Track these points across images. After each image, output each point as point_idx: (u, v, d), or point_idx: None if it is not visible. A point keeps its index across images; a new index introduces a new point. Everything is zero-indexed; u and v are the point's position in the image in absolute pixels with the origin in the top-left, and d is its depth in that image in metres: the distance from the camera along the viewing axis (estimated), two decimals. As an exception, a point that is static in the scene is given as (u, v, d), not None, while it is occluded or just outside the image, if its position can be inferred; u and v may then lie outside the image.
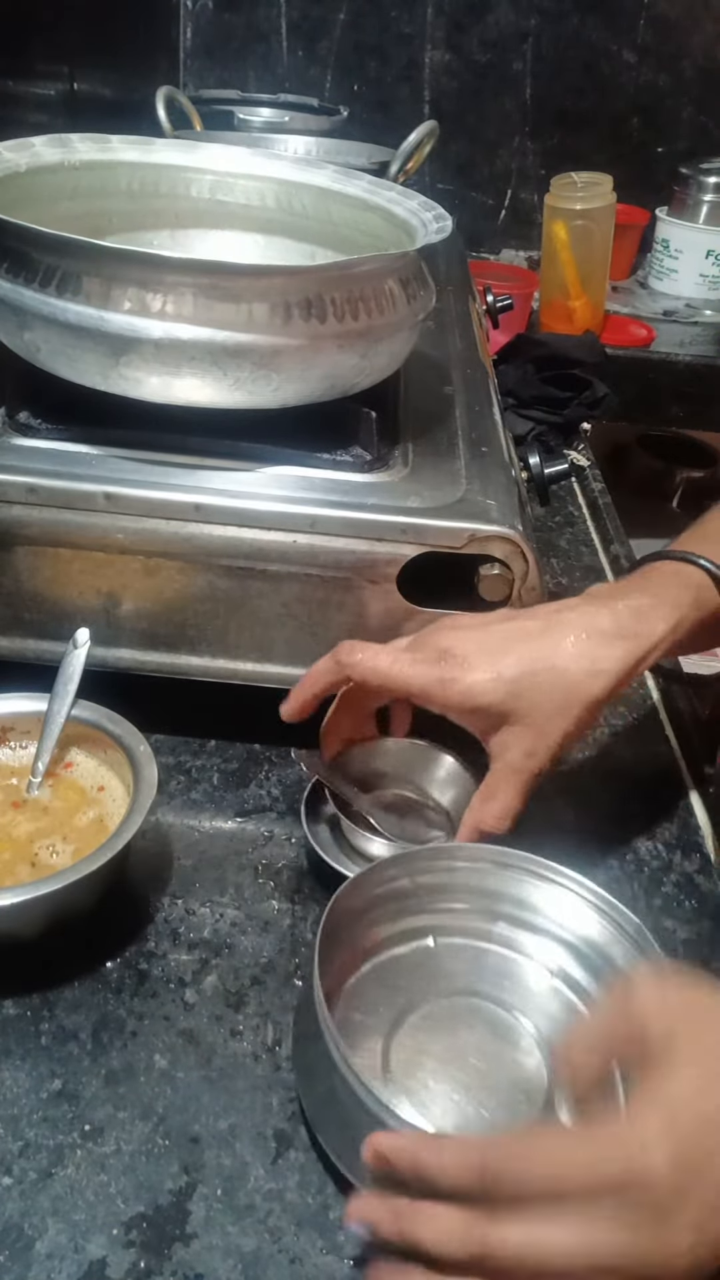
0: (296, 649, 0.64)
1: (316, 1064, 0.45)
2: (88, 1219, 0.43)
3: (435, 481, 0.64)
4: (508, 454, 0.71)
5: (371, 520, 0.60)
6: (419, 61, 1.66)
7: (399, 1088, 0.47)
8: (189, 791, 0.64)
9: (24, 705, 0.59)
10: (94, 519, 0.60)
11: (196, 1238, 0.43)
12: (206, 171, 0.79)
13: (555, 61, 1.66)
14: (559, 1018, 0.52)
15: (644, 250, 1.74)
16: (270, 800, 0.65)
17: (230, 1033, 0.51)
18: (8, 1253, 0.42)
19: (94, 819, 0.56)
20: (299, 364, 0.59)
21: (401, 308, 0.63)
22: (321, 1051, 0.45)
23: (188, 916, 0.57)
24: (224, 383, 0.59)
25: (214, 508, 0.60)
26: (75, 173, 0.73)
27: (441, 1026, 0.50)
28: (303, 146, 1.28)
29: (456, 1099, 0.47)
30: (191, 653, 0.65)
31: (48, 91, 1.13)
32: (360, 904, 0.52)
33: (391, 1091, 0.47)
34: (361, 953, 0.53)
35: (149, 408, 0.61)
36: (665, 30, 1.63)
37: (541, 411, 1.13)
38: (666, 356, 1.48)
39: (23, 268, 0.58)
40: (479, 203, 1.77)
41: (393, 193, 0.73)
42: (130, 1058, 0.49)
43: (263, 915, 0.57)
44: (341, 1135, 0.44)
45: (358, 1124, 0.42)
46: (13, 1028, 0.50)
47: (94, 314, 0.57)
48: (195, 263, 0.57)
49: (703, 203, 1.62)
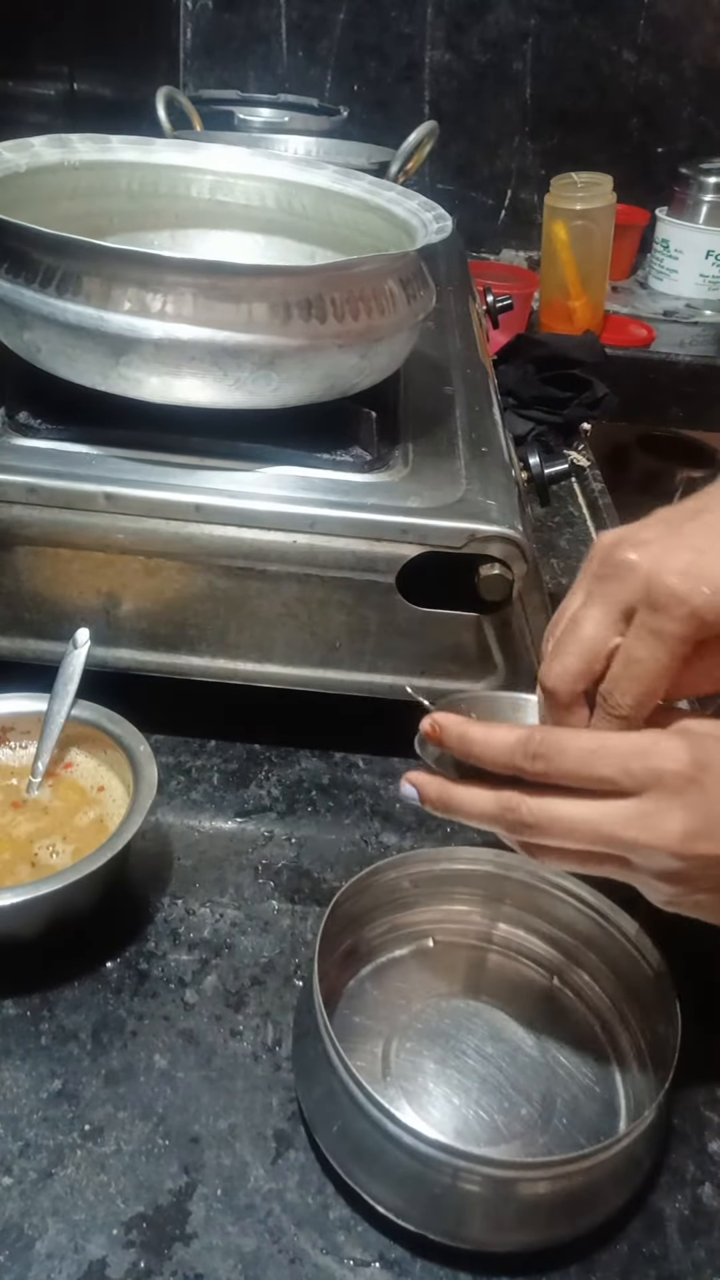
0: (296, 649, 0.64)
1: (315, 1065, 0.45)
2: (88, 1219, 0.43)
3: (435, 481, 0.64)
4: (508, 454, 0.71)
5: (371, 520, 0.60)
6: (419, 61, 1.66)
7: (398, 1090, 0.47)
8: (189, 791, 0.65)
9: (24, 705, 0.59)
10: (94, 519, 0.60)
11: (196, 1238, 0.43)
12: (206, 171, 0.79)
13: (555, 61, 1.66)
14: (558, 1020, 0.52)
15: (644, 250, 1.74)
16: (270, 800, 0.65)
17: (230, 1033, 0.51)
18: (8, 1253, 0.42)
19: (94, 819, 0.56)
20: (299, 364, 0.59)
21: (401, 308, 0.63)
22: (321, 1053, 0.45)
23: (188, 916, 0.57)
24: (224, 383, 0.59)
25: (214, 508, 0.60)
26: (75, 173, 0.73)
27: (441, 1029, 0.50)
28: (303, 147, 1.28)
29: (456, 1102, 0.47)
30: (191, 653, 0.65)
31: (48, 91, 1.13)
32: (360, 906, 0.52)
33: (391, 1094, 0.47)
34: (361, 954, 0.53)
35: (149, 408, 0.61)
36: (665, 30, 1.63)
37: (541, 411, 1.13)
38: (666, 356, 1.48)
39: (23, 268, 0.58)
40: (479, 203, 1.77)
41: (393, 193, 0.73)
42: (130, 1058, 0.49)
43: (263, 915, 0.57)
44: (341, 1138, 0.44)
45: (357, 1127, 0.43)
46: (13, 1028, 0.50)
47: (94, 314, 0.57)
48: (195, 263, 0.57)
49: (703, 203, 1.62)
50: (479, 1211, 0.42)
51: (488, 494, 0.63)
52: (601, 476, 1.10)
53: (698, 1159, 0.48)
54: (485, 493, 0.63)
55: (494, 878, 0.54)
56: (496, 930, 0.55)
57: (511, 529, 0.60)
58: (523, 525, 0.61)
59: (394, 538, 0.60)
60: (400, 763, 0.68)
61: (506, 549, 0.60)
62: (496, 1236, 0.42)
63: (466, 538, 0.60)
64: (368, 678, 0.65)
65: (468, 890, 0.55)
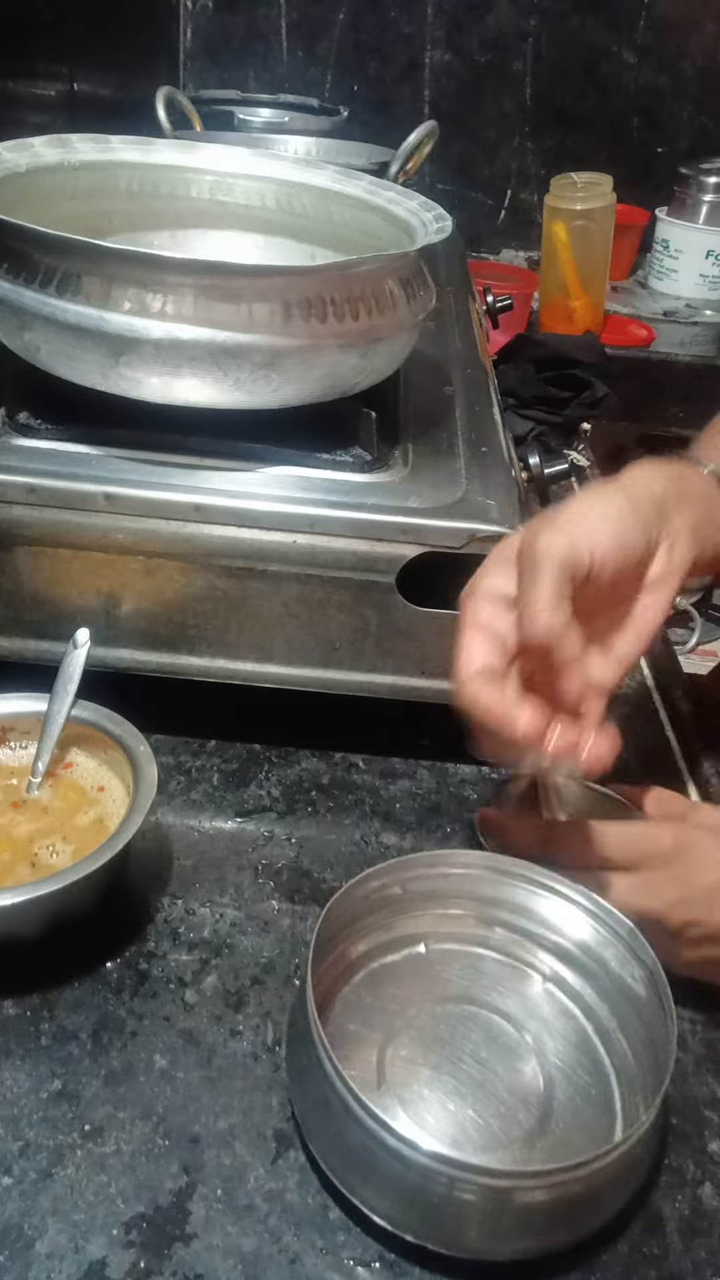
0: (296, 649, 0.64)
1: (309, 1072, 0.45)
2: (88, 1219, 0.43)
3: (435, 481, 0.64)
4: (508, 454, 0.71)
5: (371, 520, 0.60)
6: (419, 61, 1.67)
7: (394, 1097, 0.47)
8: (189, 791, 0.65)
9: (24, 705, 0.59)
10: (94, 519, 0.60)
11: (196, 1238, 0.43)
12: (206, 172, 0.79)
13: (555, 61, 1.66)
14: (554, 1023, 0.52)
15: (644, 250, 1.74)
16: (270, 800, 0.65)
17: (230, 1033, 0.51)
18: (8, 1253, 0.42)
19: (94, 819, 0.56)
20: (299, 364, 0.59)
21: (401, 308, 0.63)
22: (314, 1060, 0.44)
23: (188, 916, 0.57)
24: (224, 383, 0.59)
25: (214, 508, 0.60)
26: (75, 173, 0.73)
27: (436, 1034, 0.50)
28: (303, 147, 1.28)
29: (452, 1108, 0.47)
30: (191, 653, 0.65)
31: (48, 91, 1.13)
32: (353, 912, 0.52)
33: (387, 1101, 0.47)
34: (353, 961, 0.53)
35: (149, 408, 0.61)
36: (665, 30, 1.63)
37: (541, 411, 1.13)
38: (666, 356, 1.48)
39: (23, 268, 0.58)
40: (479, 203, 1.77)
41: (393, 193, 0.73)
42: (130, 1058, 0.49)
43: (263, 915, 0.57)
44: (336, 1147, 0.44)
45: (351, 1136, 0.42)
46: (13, 1028, 0.50)
47: (94, 314, 0.57)
48: (195, 263, 0.57)
49: (703, 203, 1.62)
50: (477, 1221, 0.42)
51: (488, 494, 0.63)
52: (601, 476, 1.10)
53: (698, 1159, 0.48)
54: (485, 493, 0.63)
55: (488, 881, 0.54)
56: (492, 935, 0.55)
57: (511, 529, 0.60)
58: (523, 525, 0.61)
59: (394, 538, 0.60)
60: (400, 763, 0.68)
61: (506, 549, 0.60)
62: (495, 1245, 0.42)
63: (466, 538, 0.60)
64: (368, 678, 0.65)
65: (461, 895, 0.55)
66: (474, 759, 0.69)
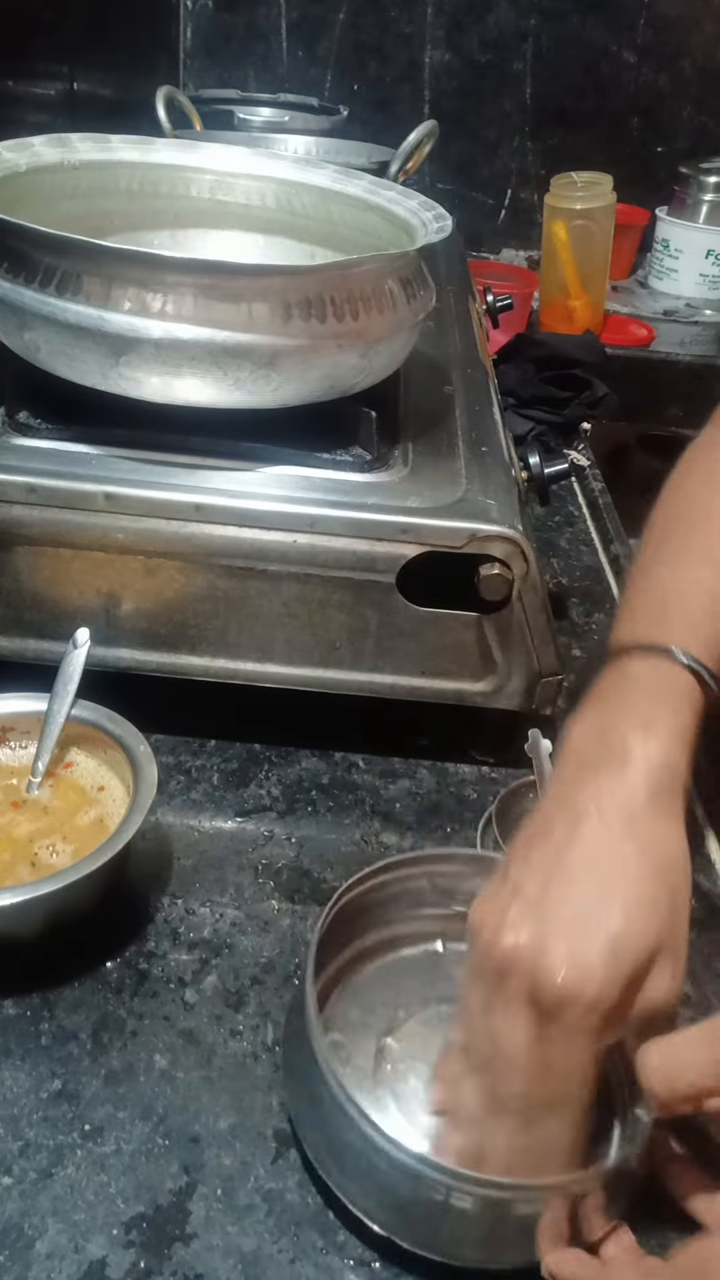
0: (296, 649, 0.64)
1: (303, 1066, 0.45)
2: (88, 1219, 0.43)
3: (435, 481, 0.64)
4: (508, 454, 0.71)
5: (371, 520, 0.60)
6: (419, 61, 1.66)
7: (388, 1090, 0.47)
8: (189, 791, 0.65)
9: (24, 705, 0.59)
10: (94, 519, 0.60)
11: (196, 1238, 0.43)
12: (206, 171, 0.79)
13: (555, 61, 1.66)
14: None
15: (644, 250, 1.74)
16: (270, 800, 0.65)
17: (230, 1033, 0.51)
18: (8, 1253, 0.42)
19: (94, 819, 0.56)
20: (299, 364, 0.59)
21: (401, 308, 0.63)
22: (308, 1055, 0.44)
23: (188, 916, 0.57)
24: (224, 383, 0.59)
25: (214, 508, 0.60)
26: (75, 173, 0.73)
27: (440, 1031, 0.50)
28: (303, 146, 1.28)
29: None
30: (191, 653, 0.65)
31: (48, 91, 1.13)
32: (366, 903, 0.52)
33: (380, 1093, 0.47)
34: (367, 950, 0.53)
35: (149, 408, 0.61)
36: (665, 30, 1.63)
37: (541, 411, 1.13)
38: (666, 356, 1.47)
39: (23, 268, 0.58)
40: (479, 203, 1.77)
41: (393, 192, 0.73)
42: (130, 1058, 0.49)
43: (263, 915, 0.57)
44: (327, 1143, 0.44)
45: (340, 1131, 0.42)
46: (13, 1028, 0.50)
47: (94, 314, 0.57)
48: (195, 263, 0.57)
49: (703, 203, 1.61)
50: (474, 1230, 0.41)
51: (488, 494, 0.63)
52: (601, 476, 1.10)
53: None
54: (485, 493, 0.63)
55: None
56: None
57: (511, 529, 0.60)
58: (523, 525, 0.61)
59: (394, 537, 0.60)
60: (400, 763, 0.68)
61: (506, 549, 0.60)
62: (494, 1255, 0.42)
63: (466, 537, 0.60)
64: (368, 678, 0.65)
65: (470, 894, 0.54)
66: (474, 759, 0.69)
